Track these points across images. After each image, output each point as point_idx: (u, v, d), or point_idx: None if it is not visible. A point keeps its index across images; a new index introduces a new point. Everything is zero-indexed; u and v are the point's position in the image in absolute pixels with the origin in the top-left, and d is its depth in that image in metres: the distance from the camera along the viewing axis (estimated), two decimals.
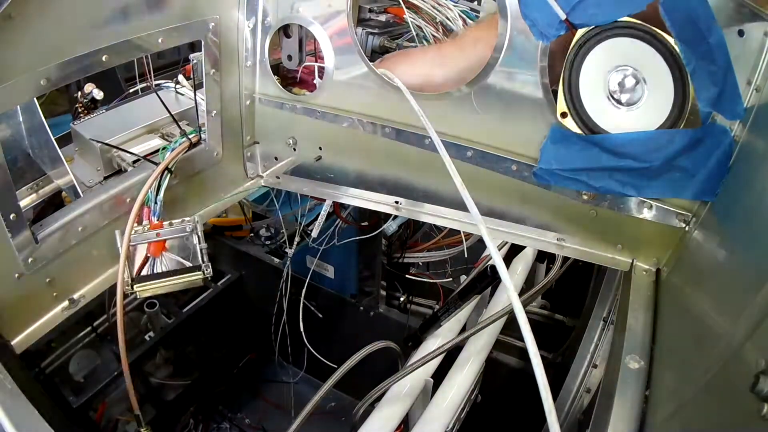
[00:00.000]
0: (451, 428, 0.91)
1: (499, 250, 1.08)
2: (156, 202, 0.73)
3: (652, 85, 0.62)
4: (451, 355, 0.95)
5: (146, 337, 1.50)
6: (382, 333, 1.47)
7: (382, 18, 1.05)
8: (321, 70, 0.85)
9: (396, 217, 1.33)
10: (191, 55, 0.82)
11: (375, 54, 0.99)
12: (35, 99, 0.87)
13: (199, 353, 1.64)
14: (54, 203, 0.89)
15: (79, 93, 1.12)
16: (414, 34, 0.99)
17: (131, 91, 1.19)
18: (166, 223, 0.72)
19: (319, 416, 1.66)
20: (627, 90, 0.63)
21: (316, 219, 1.34)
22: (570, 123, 0.65)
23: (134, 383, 0.74)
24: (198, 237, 0.72)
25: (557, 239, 0.75)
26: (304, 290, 1.53)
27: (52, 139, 0.89)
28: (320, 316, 1.66)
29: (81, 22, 0.61)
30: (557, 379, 1.19)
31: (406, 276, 1.57)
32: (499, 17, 0.66)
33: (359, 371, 0.85)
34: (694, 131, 0.61)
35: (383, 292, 1.62)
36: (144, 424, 0.82)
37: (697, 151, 0.61)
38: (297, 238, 1.34)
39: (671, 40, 0.59)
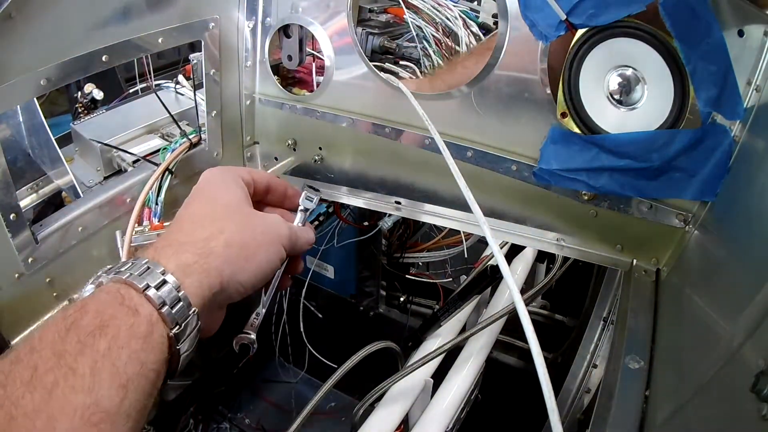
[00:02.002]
0: (451, 428, 0.91)
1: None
2: (157, 203, 0.73)
3: (652, 85, 0.62)
4: (451, 355, 0.95)
5: None
6: (382, 333, 1.47)
7: (382, 18, 1.05)
8: (320, 70, 0.85)
9: (391, 214, 1.33)
10: (191, 55, 0.82)
11: (375, 54, 0.99)
12: (35, 99, 0.87)
13: (199, 353, 1.64)
14: (54, 203, 0.90)
15: (79, 93, 1.13)
16: (414, 34, 0.99)
17: (131, 91, 1.19)
18: (167, 224, 0.72)
19: (319, 416, 1.67)
20: (627, 90, 0.63)
21: (315, 219, 1.34)
22: (570, 123, 0.65)
23: None
24: None
25: (557, 239, 0.75)
26: (304, 290, 1.53)
27: (52, 139, 0.89)
28: (320, 316, 1.66)
29: (81, 22, 0.61)
30: (557, 379, 1.19)
31: (406, 276, 1.57)
32: (499, 18, 0.66)
33: (359, 371, 0.84)
34: (694, 131, 0.61)
35: (383, 292, 1.62)
36: (145, 424, 0.82)
37: (697, 151, 0.61)
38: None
39: (671, 40, 0.59)
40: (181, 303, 0.43)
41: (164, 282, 0.42)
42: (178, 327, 0.42)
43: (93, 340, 0.37)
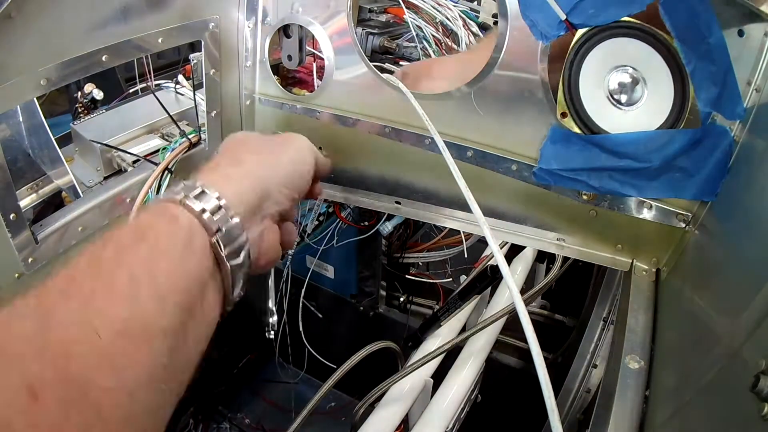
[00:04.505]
0: (451, 428, 0.91)
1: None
2: None
3: (652, 85, 0.62)
4: (451, 355, 0.95)
5: None
6: (382, 333, 1.47)
7: (382, 18, 1.05)
8: (320, 70, 0.85)
9: (392, 217, 1.33)
10: (191, 55, 0.82)
11: (375, 54, 0.99)
12: (35, 99, 0.87)
13: None
14: (54, 203, 0.89)
15: (79, 93, 1.12)
16: (414, 34, 0.99)
17: (131, 91, 1.19)
18: None
19: (319, 416, 1.67)
20: (627, 90, 0.63)
21: (315, 219, 1.34)
22: (570, 123, 0.65)
23: None
24: None
25: (557, 239, 0.75)
26: (303, 290, 1.53)
27: (52, 139, 0.89)
28: (320, 316, 1.66)
29: (81, 22, 0.61)
30: (557, 379, 1.19)
31: (406, 276, 1.57)
32: (500, 17, 0.66)
33: (359, 371, 0.85)
34: (693, 131, 0.61)
35: (383, 292, 1.62)
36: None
37: (696, 151, 0.61)
38: (297, 238, 1.34)
39: (671, 40, 0.59)
40: (222, 210, 0.43)
41: (203, 192, 0.43)
42: (219, 233, 0.42)
43: (131, 250, 0.37)
